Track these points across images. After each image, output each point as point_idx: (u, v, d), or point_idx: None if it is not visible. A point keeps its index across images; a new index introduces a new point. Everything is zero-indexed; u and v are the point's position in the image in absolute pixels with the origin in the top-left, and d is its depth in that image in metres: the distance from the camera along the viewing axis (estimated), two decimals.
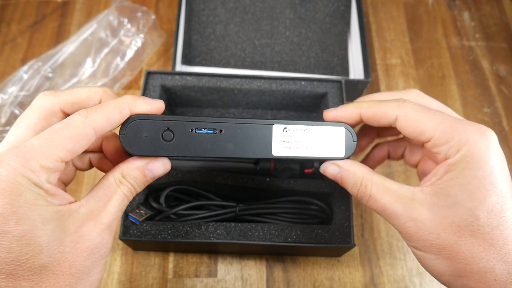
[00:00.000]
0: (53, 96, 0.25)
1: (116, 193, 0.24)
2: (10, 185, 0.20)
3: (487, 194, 0.23)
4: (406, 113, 0.26)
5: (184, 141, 0.26)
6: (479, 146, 0.23)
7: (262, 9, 0.60)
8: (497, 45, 0.61)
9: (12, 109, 0.49)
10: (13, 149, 0.21)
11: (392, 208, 0.25)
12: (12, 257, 0.20)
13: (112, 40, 0.55)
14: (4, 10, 0.61)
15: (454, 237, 0.23)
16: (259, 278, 0.44)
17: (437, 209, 0.24)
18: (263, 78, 0.45)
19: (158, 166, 0.26)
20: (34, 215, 0.21)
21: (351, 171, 0.27)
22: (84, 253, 0.22)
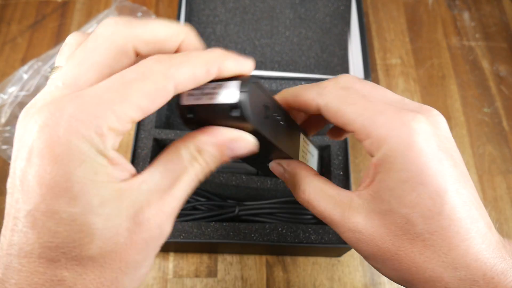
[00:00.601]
0: (127, 29, 0.18)
1: (187, 172, 0.19)
2: (68, 151, 0.16)
3: (418, 198, 0.19)
4: (326, 102, 0.22)
5: None
6: (400, 141, 0.19)
7: (262, 9, 0.60)
8: (497, 45, 0.61)
9: (12, 109, 0.49)
10: (75, 99, 0.16)
11: (330, 216, 0.22)
12: (57, 242, 0.16)
13: None
14: (4, 10, 0.61)
15: (393, 248, 0.20)
16: (259, 278, 0.44)
17: (373, 216, 0.21)
18: (263, 78, 0.45)
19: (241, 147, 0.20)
20: (91, 194, 0.16)
21: (292, 173, 0.24)
22: (139, 246, 0.18)
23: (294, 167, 0.25)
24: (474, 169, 0.52)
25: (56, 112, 0.16)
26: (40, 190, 0.16)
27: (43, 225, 0.16)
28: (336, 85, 0.23)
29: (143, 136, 0.42)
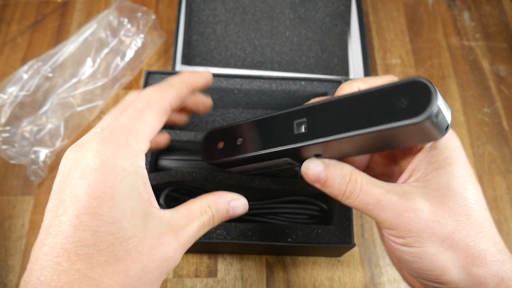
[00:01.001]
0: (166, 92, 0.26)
1: (198, 219, 0.24)
2: (114, 168, 0.20)
3: (470, 178, 0.24)
4: None
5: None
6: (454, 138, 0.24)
7: (262, 9, 0.60)
8: (497, 45, 0.61)
9: (12, 109, 0.49)
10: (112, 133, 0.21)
11: (387, 199, 0.24)
12: (95, 241, 0.20)
13: (112, 40, 0.55)
14: (4, 10, 0.61)
15: (453, 223, 0.23)
16: (259, 278, 0.44)
17: (431, 197, 0.23)
18: (263, 78, 0.45)
19: (239, 206, 0.27)
20: (127, 205, 0.21)
21: (338, 167, 0.26)
22: (157, 262, 0.22)
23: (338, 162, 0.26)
24: (474, 169, 0.52)
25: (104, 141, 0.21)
26: (88, 198, 0.20)
27: (87, 226, 0.20)
28: None
29: None
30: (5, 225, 0.47)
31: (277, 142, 0.26)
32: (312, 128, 0.24)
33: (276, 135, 0.26)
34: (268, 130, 0.26)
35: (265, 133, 0.26)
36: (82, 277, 0.20)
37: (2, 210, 0.48)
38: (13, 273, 0.44)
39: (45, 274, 0.20)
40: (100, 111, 0.53)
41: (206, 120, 0.49)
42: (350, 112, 0.23)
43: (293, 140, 0.25)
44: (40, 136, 0.49)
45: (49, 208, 0.21)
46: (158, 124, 0.23)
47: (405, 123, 0.20)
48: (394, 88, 0.21)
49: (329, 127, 0.23)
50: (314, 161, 0.26)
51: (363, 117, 0.22)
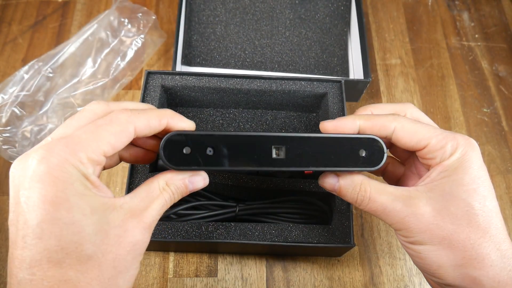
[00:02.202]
0: (106, 106, 0.26)
1: (159, 198, 0.25)
2: (62, 174, 0.21)
3: (477, 187, 0.26)
4: (403, 124, 0.28)
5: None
6: (467, 150, 0.27)
7: (262, 9, 0.60)
8: (496, 45, 0.61)
9: (12, 109, 0.49)
10: (62, 140, 0.22)
11: (392, 206, 0.26)
12: (62, 245, 0.20)
13: (113, 40, 0.55)
14: (4, 10, 0.61)
15: (453, 226, 0.25)
16: (259, 278, 0.44)
17: (435, 202, 0.26)
18: (263, 78, 0.46)
19: (198, 180, 0.27)
20: (83, 204, 0.21)
21: (349, 178, 0.29)
22: (127, 248, 0.22)
23: (349, 175, 0.29)
24: None
25: (48, 149, 0.21)
26: (44, 205, 0.20)
27: (50, 233, 0.20)
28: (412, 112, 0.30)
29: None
30: (6, 225, 0.47)
31: (254, 162, 0.27)
32: (290, 157, 0.27)
33: (253, 155, 0.27)
34: (244, 148, 0.27)
35: (241, 151, 0.27)
36: (58, 282, 0.20)
37: (2, 210, 0.48)
38: None
39: (23, 286, 0.20)
40: None
41: (207, 120, 0.49)
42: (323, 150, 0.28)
43: (270, 163, 0.27)
44: (40, 136, 0.49)
45: (11, 222, 0.21)
46: (116, 143, 0.23)
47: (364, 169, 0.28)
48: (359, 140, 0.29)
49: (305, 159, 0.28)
50: (328, 174, 0.30)
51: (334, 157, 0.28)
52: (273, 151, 0.27)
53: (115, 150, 0.24)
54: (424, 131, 0.28)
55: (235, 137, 0.27)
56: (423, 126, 0.28)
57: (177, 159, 0.26)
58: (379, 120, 0.29)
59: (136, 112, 0.25)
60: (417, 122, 0.29)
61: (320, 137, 0.28)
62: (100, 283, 0.21)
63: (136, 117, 0.24)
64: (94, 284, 0.21)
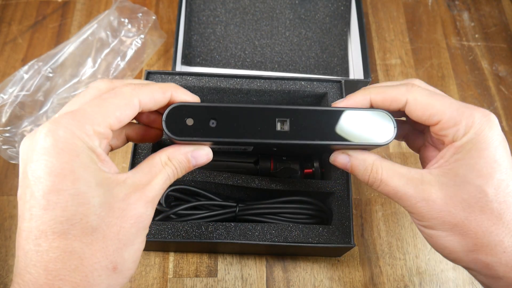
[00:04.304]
0: (110, 83, 0.26)
1: (161, 173, 0.25)
2: (68, 145, 0.21)
3: (493, 172, 0.24)
4: (415, 97, 0.27)
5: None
6: (484, 128, 0.25)
7: (262, 9, 0.60)
8: (496, 45, 0.61)
9: (12, 109, 0.49)
10: (69, 114, 0.22)
11: (404, 190, 0.26)
12: (67, 216, 0.21)
13: (113, 40, 0.55)
14: (4, 10, 0.61)
15: (464, 213, 0.24)
16: (259, 278, 0.44)
17: (447, 188, 0.25)
18: (263, 78, 0.45)
19: (201, 154, 0.27)
20: (89, 176, 0.22)
21: (361, 158, 0.28)
22: (131, 220, 0.23)
23: (361, 153, 0.28)
24: None
25: (55, 123, 0.22)
26: (49, 177, 0.21)
27: (55, 204, 0.21)
28: (419, 85, 0.28)
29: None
30: (5, 225, 0.47)
31: (257, 134, 0.26)
32: (294, 130, 0.27)
33: (256, 127, 0.27)
34: (247, 120, 0.27)
35: (244, 123, 0.27)
36: (63, 253, 0.21)
37: (2, 210, 0.48)
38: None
39: (29, 257, 0.21)
40: None
41: None
42: (329, 123, 0.27)
43: (274, 136, 0.27)
44: None
45: (19, 196, 0.22)
46: (122, 115, 0.23)
47: (371, 144, 0.27)
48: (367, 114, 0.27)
49: (310, 132, 0.27)
50: (339, 154, 0.29)
51: (340, 131, 0.27)
52: (278, 124, 0.27)
53: (120, 123, 0.24)
54: (437, 104, 0.26)
55: (239, 109, 0.27)
56: (438, 98, 0.26)
57: (180, 131, 0.26)
58: (391, 92, 0.28)
59: (140, 85, 0.25)
60: (432, 94, 0.27)
61: (325, 110, 0.27)
62: (104, 255, 0.22)
63: (140, 90, 0.25)
64: (98, 256, 0.21)
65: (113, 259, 0.22)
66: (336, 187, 0.41)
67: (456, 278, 0.45)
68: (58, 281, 0.20)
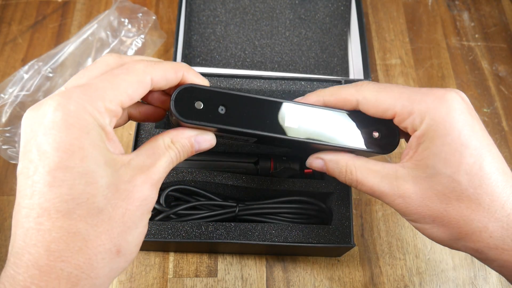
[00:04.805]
0: (119, 58, 0.25)
1: (165, 155, 0.24)
2: (78, 121, 0.20)
3: (461, 157, 0.23)
4: (365, 95, 0.27)
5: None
6: (440, 112, 0.24)
7: (262, 9, 0.60)
8: (496, 45, 0.61)
9: (12, 109, 0.49)
10: (80, 87, 0.21)
11: (379, 189, 0.26)
12: (73, 194, 0.20)
13: (113, 40, 0.55)
14: (4, 10, 0.61)
15: (442, 205, 0.24)
16: (259, 278, 0.44)
17: (420, 181, 0.25)
18: (263, 78, 0.46)
19: (205, 139, 0.26)
20: (98, 155, 0.21)
21: (334, 161, 0.28)
22: (136, 203, 0.22)
23: (334, 154, 0.28)
24: None
25: (65, 96, 0.20)
26: (57, 153, 0.20)
27: (62, 181, 0.19)
28: (368, 83, 0.27)
29: (143, 136, 0.42)
30: (5, 225, 0.47)
31: (265, 127, 0.26)
32: (303, 127, 0.27)
33: (265, 120, 0.26)
34: (257, 111, 0.26)
35: (254, 114, 0.26)
36: (66, 233, 0.20)
37: (2, 210, 0.48)
38: None
39: (29, 236, 0.19)
40: None
41: None
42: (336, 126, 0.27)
43: (283, 131, 0.26)
44: None
45: (20, 171, 0.21)
46: (133, 93, 0.23)
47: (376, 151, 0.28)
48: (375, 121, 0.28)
49: (318, 133, 0.27)
50: (314, 158, 0.29)
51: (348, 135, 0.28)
52: (287, 120, 0.27)
53: (132, 101, 0.23)
54: (387, 98, 0.26)
55: (249, 99, 0.26)
56: (387, 91, 0.26)
57: (188, 113, 0.25)
58: (341, 94, 0.27)
59: (152, 62, 0.24)
60: (382, 89, 0.26)
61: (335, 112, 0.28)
62: (109, 238, 0.21)
63: (153, 68, 0.24)
64: (103, 238, 0.20)
65: (117, 242, 0.21)
66: (336, 187, 0.41)
67: (456, 278, 0.45)
68: (60, 262, 0.19)
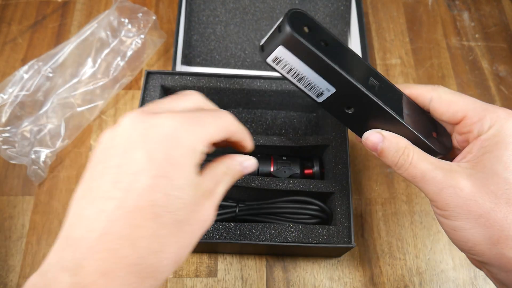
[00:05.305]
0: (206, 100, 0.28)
1: (223, 181, 0.27)
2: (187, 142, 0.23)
3: None
4: (440, 94, 0.29)
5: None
6: (509, 122, 0.26)
7: (262, 9, 0.60)
8: (496, 45, 0.61)
9: (12, 109, 0.49)
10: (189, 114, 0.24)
11: (432, 174, 0.26)
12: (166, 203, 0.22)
13: (113, 40, 0.55)
14: (4, 10, 0.61)
15: (491, 204, 0.25)
16: (259, 278, 0.44)
17: (475, 178, 0.25)
18: (263, 78, 0.45)
19: (252, 164, 0.29)
20: (190, 174, 0.23)
21: (394, 141, 0.29)
22: (200, 224, 0.24)
23: (396, 136, 0.30)
24: None
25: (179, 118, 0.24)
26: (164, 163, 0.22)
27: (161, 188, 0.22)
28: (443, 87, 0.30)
29: None
30: (5, 225, 0.47)
31: (354, 77, 0.28)
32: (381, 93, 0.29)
33: (355, 72, 0.29)
34: (351, 61, 0.29)
35: (348, 61, 0.29)
36: (151, 234, 0.21)
37: (2, 210, 0.48)
38: (14, 273, 0.44)
39: (117, 227, 0.21)
40: (100, 111, 0.53)
41: None
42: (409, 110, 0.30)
43: (366, 86, 0.29)
44: (40, 136, 0.49)
45: (116, 164, 0.22)
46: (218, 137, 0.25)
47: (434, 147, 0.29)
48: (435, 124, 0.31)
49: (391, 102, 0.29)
50: (374, 132, 0.30)
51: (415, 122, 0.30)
52: (370, 79, 0.29)
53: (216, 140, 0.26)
54: (461, 102, 0.28)
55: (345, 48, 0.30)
56: (462, 97, 0.28)
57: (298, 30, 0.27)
58: (417, 89, 0.30)
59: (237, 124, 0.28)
60: (456, 93, 0.29)
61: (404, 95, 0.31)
62: (177, 249, 0.23)
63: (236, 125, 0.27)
64: (173, 248, 0.23)
65: (180, 255, 0.23)
66: (336, 187, 0.41)
67: (456, 278, 0.45)
68: (137, 259, 0.21)
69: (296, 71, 0.29)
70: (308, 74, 0.29)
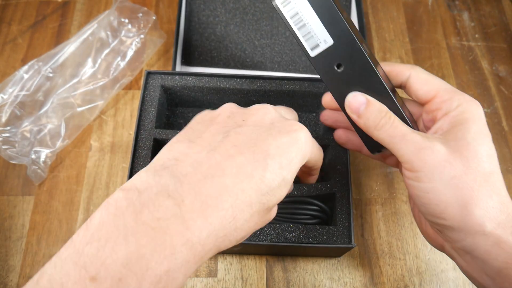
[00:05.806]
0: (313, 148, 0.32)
1: None
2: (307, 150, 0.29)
3: (484, 138, 0.28)
4: (418, 73, 0.32)
5: None
6: (473, 105, 0.29)
7: (262, 9, 0.60)
8: (496, 45, 0.61)
9: (12, 109, 0.49)
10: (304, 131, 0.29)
11: (412, 136, 0.29)
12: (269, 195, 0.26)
13: (113, 40, 0.55)
14: (4, 10, 0.61)
15: (463, 167, 0.27)
16: (259, 278, 0.44)
17: (448, 145, 0.28)
18: (263, 78, 0.45)
19: None
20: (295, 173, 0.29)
21: (377, 104, 0.31)
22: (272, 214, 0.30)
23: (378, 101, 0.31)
24: None
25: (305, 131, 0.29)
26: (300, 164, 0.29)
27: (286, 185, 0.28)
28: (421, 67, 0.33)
29: (143, 136, 0.42)
30: (5, 225, 0.47)
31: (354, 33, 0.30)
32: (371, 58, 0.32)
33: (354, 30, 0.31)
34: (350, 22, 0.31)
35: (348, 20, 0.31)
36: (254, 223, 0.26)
37: (2, 210, 0.48)
38: (14, 273, 0.44)
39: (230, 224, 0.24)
40: (100, 111, 0.53)
41: None
42: None
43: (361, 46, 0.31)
44: (40, 136, 0.49)
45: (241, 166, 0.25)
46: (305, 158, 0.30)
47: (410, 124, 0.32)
48: None
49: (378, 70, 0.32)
50: (359, 94, 0.32)
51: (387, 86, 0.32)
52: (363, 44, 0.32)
53: None
54: (435, 82, 0.31)
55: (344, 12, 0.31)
56: (436, 78, 0.32)
57: None
58: (396, 67, 0.33)
59: None
60: (431, 75, 0.32)
61: None
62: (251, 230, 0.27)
63: None
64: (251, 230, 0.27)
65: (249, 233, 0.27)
66: (336, 187, 0.41)
67: (456, 278, 0.45)
68: None
69: (301, 16, 0.30)
70: (311, 21, 0.30)
